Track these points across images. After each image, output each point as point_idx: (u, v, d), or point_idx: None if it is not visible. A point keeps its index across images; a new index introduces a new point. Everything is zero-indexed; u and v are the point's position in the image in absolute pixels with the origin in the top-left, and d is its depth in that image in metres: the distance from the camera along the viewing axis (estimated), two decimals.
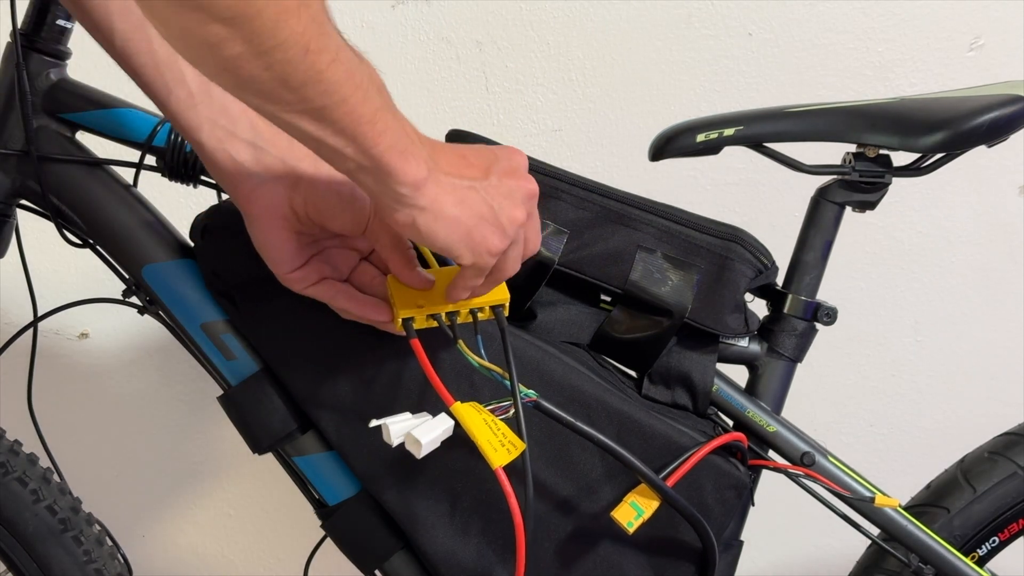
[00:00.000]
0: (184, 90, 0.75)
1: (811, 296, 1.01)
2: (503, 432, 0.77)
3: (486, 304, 0.83)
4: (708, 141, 0.97)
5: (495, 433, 0.77)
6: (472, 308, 0.83)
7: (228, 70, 0.58)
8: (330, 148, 0.64)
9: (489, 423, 0.77)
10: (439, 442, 0.79)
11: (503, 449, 0.76)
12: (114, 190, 0.92)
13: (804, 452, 1.00)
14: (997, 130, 0.93)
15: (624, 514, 0.88)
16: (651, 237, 0.95)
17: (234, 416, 0.94)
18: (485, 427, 0.77)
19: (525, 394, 0.81)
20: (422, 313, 0.81)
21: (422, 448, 0.78)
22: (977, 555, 1.08)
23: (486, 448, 0.76)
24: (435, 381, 0.78)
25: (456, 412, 0.78)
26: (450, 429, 0.79)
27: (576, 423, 0.85)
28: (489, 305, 0.83)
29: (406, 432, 0.78)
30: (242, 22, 0.55)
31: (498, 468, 0.75)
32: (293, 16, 0.57)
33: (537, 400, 0.82)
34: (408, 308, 0.81)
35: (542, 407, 0.83)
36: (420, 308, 0.81)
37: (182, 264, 0.91)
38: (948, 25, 1.44)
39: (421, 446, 0.78)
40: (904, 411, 1.63)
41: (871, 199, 1.00)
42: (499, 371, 0.80)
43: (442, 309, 0.82)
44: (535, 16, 1.40)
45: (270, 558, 1.65)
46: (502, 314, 0.83)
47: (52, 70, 0.91)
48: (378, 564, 0.96)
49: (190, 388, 1.53)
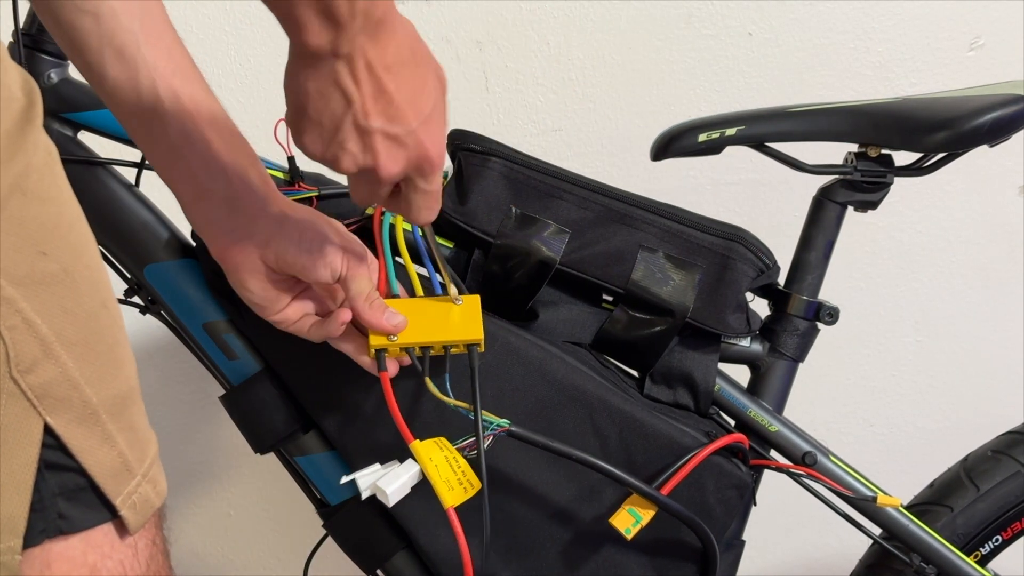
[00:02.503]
0: (166, 144, 0.75)
1: (813, 296, 1.01)
2: (463, 470, 0.78)
3: (460, 342, 0.84)
4: (710, 141, 0.97)
5: (455, 471, 0.78)
6: (445, 344, 0.84)
7: None
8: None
9: (451, 460, 0.79)
10: (408, 488, 0.82)
11: (459, 488, 0.77)
12: (116, 190, 0.91)
13: (806, 452, 1.00)
14: (999, 130, 0.93)
15: (622, 521, 0.88)
16: (653, 237, 0.95)
17: (236, 416, 0.94)
18: (445, 464, 0.78)
19: (497, 424, 0.82)
20: (395, 345, 0.82)
21: (389, 497, 0.81)
22: (980, 554, 1.08)
23: (441, 488, 0.77)
24: (398, 419, 0.80)
25: (414, 450, 0.79)
26: (417, 474, 0.81)
27: (552, 444, 0.85)
28: (463, 343, 0.84)
29: (372, 483, 0.82)
30: None
31: (449, 508, 0.77)
32: None
33: (509, 428, 0.82)
34: (380, 339, 0.81)
35: (515, 434, 0.83)
36: (392, 340, 0.82)
37: (184, 264, 0.91)
38: (948, 25, 1.44)
39: (388, 495, 0.81)
40: (904, 411, 1.63)
41: (873, 199, 1.00)
42: (467, 407, 0.81)
43: (415, 343, 0.83)
44: (535, 16, 1.40)
45: (270, 558, 1.65)
46: (475, 352, 0.84)
47: (54, 70, 0.91)
48: (380, 564, 0.96)
49: (190, 388, 1.53)
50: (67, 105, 0.91)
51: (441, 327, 0.84)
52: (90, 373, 0.60)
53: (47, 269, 0.57)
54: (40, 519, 0.59)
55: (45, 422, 0.57)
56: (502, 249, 0.93)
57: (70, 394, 0.59)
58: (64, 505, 0.60)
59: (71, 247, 0.60)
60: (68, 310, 0.59)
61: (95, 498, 0.61)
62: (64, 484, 0.60)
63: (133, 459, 0.64)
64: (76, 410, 0.59)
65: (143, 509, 0.65)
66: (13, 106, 0.56)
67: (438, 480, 0.77)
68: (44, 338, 0.57)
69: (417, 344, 0.83)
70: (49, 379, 0.57)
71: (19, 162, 0.56)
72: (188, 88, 0.75)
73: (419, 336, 0.83)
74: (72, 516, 0.60)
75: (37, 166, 0.58)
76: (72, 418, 0.59)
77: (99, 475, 0.61)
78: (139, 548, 0.66)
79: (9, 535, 0.57)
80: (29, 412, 0.57)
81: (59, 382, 0.58)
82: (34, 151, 0.58)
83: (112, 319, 0.64)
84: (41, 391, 0.57)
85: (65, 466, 0.59)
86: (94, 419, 0.60)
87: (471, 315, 0.85)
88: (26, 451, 0.57)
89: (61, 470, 0.59)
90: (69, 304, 0.59)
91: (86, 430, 0.60)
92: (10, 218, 0.55)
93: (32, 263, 0.56)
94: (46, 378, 0.57)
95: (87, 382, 0.60)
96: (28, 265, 0.56)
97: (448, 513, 0.77)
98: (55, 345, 0.58)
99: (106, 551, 0.63)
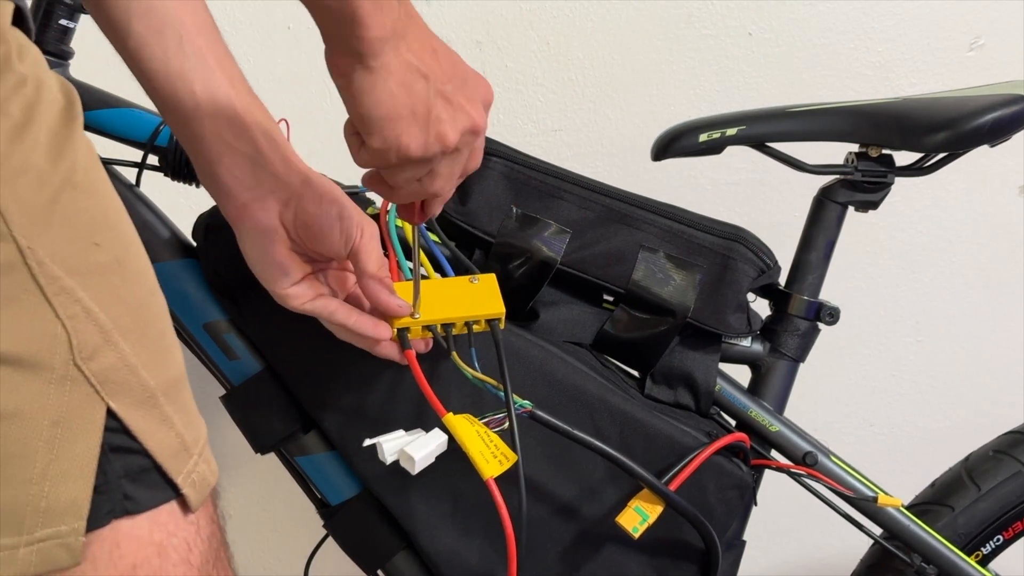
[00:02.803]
0: (192, 101, 0.75)
1: (814, 296, 1.01)
2: (495, 443, 0.77)
3: (481, 317, 0.83)
4: (711, 141, 0.97)
5: (487, 445, 0.77)
6: (467, 320, 0.83)
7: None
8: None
9: (482, 435, 0.78)
10: (433, 457, 0.80)
11: (495, 461, 0.76)
12: (116, 190, 0.91)
13: (807, 452, 1.00)
14: (1000, 130, 0.93)
15: (629, 519, 0.88)
16: (653, 237, 0.95)
17: (237, 416, 0.94)
18: (478, 439, 0.77)
19: (520, 404, 0.81)
20: (417, 324, 0.81)
21: (415, 464, 0.79)
22: (981, 554, 1.08)
23: (478, 459, 0.76)
24: (428, 393, 0.79)
25: (448, 423, 0.78)
26: (444, 444, 0.80)
27: (573, 431, 0.85)
28: (485, 318, 0.83)
29: (399, 449, 0.80)
30: None
31: (489, 479, 0.75)
32: None
33: (532, 410, 0.82)
34: (403, 319, 0.81)
35: (537, 417, 0.83)
36: (416, 318, 0.81)
37: (184, 264, 0.91)
38: (948, 25, 1.44)
39: (415, 462, 0.79)
40: (905, 411, 1.63)
41: (874, 199, 1.00)
42: (493, 383, 0.80)
43: (437, 321, 0.82)
44: (535, 16, 1.40)
45: (270, 558, 1.65)
46: (497, 327, 0.83)
47: (55, 70, 0.91)
48: (380, 564, 0.96)
49: (190, 388, 1.53)
50: None
51: (463, 304, 0.83)
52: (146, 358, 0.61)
53: (101, 259, 0.59)
54: (107, 500, 0.60)
55: (108, 406, 0.59)
56: (503, 249, 0.93)
57: (129, 379, 0.60)
58: (129, 486, 0.61)
59: (120, 238, 0.61)
60: (122, 298, 0.60)
61: (159, 478, 0.63)
62: (129, 466, 0.61)
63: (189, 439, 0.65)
64: (136, 394, 0.60)
65: (202, 487, 0.66)
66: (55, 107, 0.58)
67: (475, 452, 0.76)
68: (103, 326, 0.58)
69: (439, 322, 0.82)
70: (110, 365, 0.59)
71: (67, 158, 0.57)
72: (212, 48, 0.76)
73: (441, 314, 0.82)
74: (138, 496, 0.61)
75: (82, 162, 0.59)
76: (132, 402, 0.60)
77: (161, 456, 0.62)
78: (200, 525, 0.67)
79: (73, 518, 0.58)
80: (92, 397, 0.58)
81: (119, 367, 0.59)
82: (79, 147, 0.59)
83: (161, 307, 0.65)
84: (103, 376, 0.58)
85: (129, 448, 0.60)
86: (152, 402, 0.61)
87: (490, 291, 0.85)
88: (89, 436, 0.58)
89: (125, 452, 0.60)
90: (123, 293, 0.60)
91: (146, 413, 0.61)
92: (64, 212, 0.57)
93: (87, 254, 0.58)
94: (107, 364, 0.58)
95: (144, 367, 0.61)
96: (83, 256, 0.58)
97: (488, 484, 0.75)
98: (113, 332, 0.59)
99: (171, 529, 0.64)
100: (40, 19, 0.89)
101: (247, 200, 0.78)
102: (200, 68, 0.74)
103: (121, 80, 0.84)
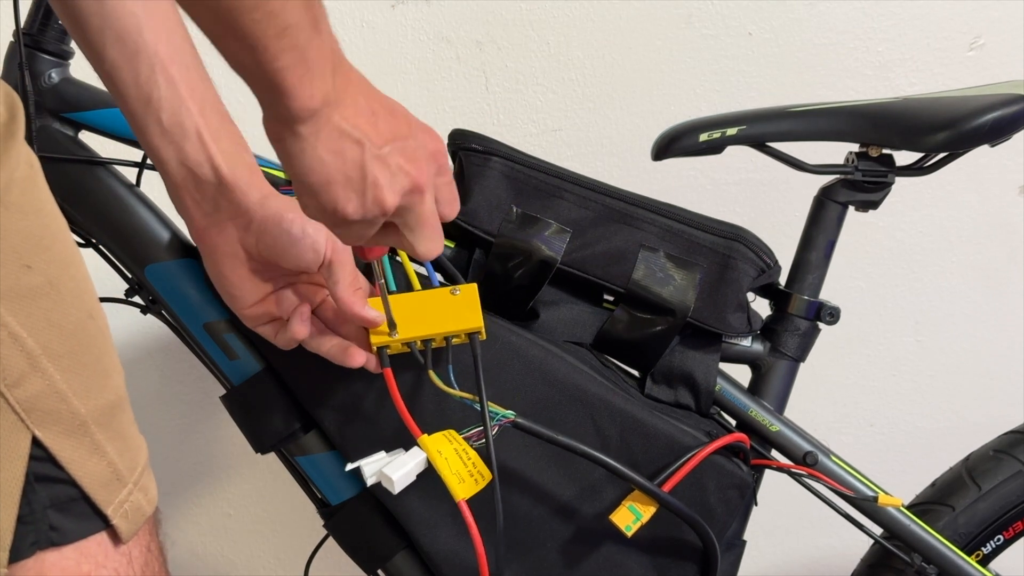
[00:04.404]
0: (158, 128, 0.76)
1: (814, 295, 1.01)
2: (473, 461, 0.78)
3: (460, 331, 0.83)
4: (711, 141, 0.97)
5: (464, 463, 0.78)
6: (446, 335, 0.83)
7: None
8: (227, 49, 0.59)
9: (460, 452, 0.78)
10: (414, 475, 0.81)
11: (470, 480, 0.77)
12: (117, 189, 0.91)
13: (807, 451, 1.00)
14: (1000, 130, 0.93)
15: (622, 518, 0.88)
16: (654, 236, 0.95)
17: (237, 415, 0.94)
18: (455, 457, 0.78)
19: (503, 415, 0.81)
20: (396, 341, 0.82)
21: (395, 484, 0.80)
22: (981, 553, 1.08)
23: (451, 480, 0.76)
24: (405, 415, 0.80)
25: (423, 444, 0.79)
26: (423, 462, 0.80)
27: (557, 437, 0.85)
28: (464, 332, 0.84)
29: (378, 471, 0.81)
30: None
31: (460, 501, 0.76)
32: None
33: (515, 419, 0.82)
34: (381, 336, 0.81)
35: (520, 425, 0.83)
36: (393, 336, 0.82)
37: (185, 264, 0.91)
38: (948, 25, 1.44)
39: (394, 482, 0.80)
40: (905, 411, 1.63)
41: (874, 198, 1.00)
42: (471, 398, 0.81)
43: (416, 337, 0.82)
44: (535, 16, 1.40)
45: (270, 558, 1.65)
46: (476, 340, 0.84)
47: (55, 70, 0.91)
48: (381, 564, 0.96)
49: (190, 388, 1.53)
50: (68, 105, 0.91)
51: (441, 318, 0.84)
52: (78, 384, 0.60)
53: (32, 282, 0.58)
54: (31, 531, 0.59)
55: (33, 435, 0.58)
56: (503, 248, 0.92)
57: (58, 406, 0.59)
58: (55, 516, 0.60)
59: (56, 259, 0.60)
60: (54, 322, 0.59)
61: (87, 508, 0.62)
62: (55, 496, 0.60)
63: (124, 468, 0.64)
64: (65, 422, 0.59)
65: (135, 517, 0.65)
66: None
67: (448, 473, 0.77)
68: (30, 352, 0.57)
69: (419, 338, 0.83)
70: (36, 392, 0.58)
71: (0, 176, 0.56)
72: (185, 75, 0.75)
73: (420, 330, 0.83)
74: (64, 527, 0.61)
75: (19, 180, 0.58)
76: (61, 430, 0.59)
77: (90, 485, 0.61)
78: (133, 556, 0.66)
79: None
80: (17, 426, 0.57)
81: (46, 395, 0.58)
82: (16, 165, 0.58)
83: (99, 329, 0.64)
84: (28, 405, 0.58)
85: (55, 478, 0.60)
86: (83, 430, 0.61)
87: (470, 304, 0.85)
88: (13, 465, 0.57)
89: (51, 482, 0.59)
90: (55, 316, 0.59)
91: (75, 441, 0.60)
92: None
93: (17, 276, 0.57)
94: (33, 391, 0.58)
95: (75, 393, 0.60)
96: (12, 279, 0.57)
97: (460, 506, 0.76)
98: (41, 358, 0.58)
99: (100, 560, 0.63)
100: (40, 19, 0.89)
101: (205, 225, 0.78)
102: (169, 98, 0.74)
103: None
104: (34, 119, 0.89)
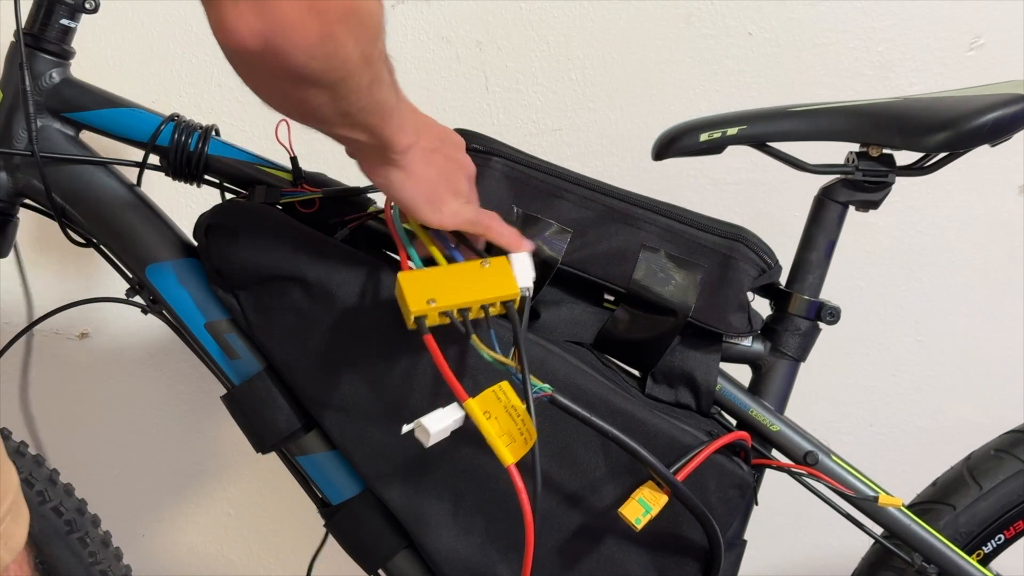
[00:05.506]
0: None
1: (814, 295, 1.01)
2: (523, 418, 0.77)
3: (497, 299, 0.83)
4: (711, 140, 0.97)
5: (515, 419, 0.76)
6: (484, 303, 0.82)
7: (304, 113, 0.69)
8: (353, 140, 0.76)
9: (509, 409, 0.77)
10: (448, 432, 0.79)
11: (520, 439, 0.76)
12: (118, 190, 0.91)
13: (807, 451, 1.00)
14: (1000, 129, 0.93)
15: (632, 511, 0.87)
16: (654, 236, 0.95)
17: (238, 415, 0.94)
18: (505, 416, 0.77)
19: (540, 388, 0.81)
20: (434, 311, 0.81)
21: (430, 437, 0.78)
22: (982, 553, 1.08)
23: (498, 444, 0.75)
24: (449, 377, 0.78)
25: (469, 409, 0.77)
26: (460, 420, 0.79)
27: (591, 418, 0.84)
28: (500, 300, 0.83)
29: (416, 422, 0.79)
30: (338, 85, 0.66)
31: (511, 466, 0.75)
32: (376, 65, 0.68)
33: (552, 394, 0.81)
34: (420, 306, 0.81)
35: (557, 402, 0.82)
36: (432, 306, 0.81)
37: (186, 263, 0.91)
38: (948, 25, 1.44)
39: (429, 435, 0.78)
40: (905, 411, 1.63)
41: (874, 198, 1.00)
42: (512, 364, 0.80)
43: (453, 306, 0.82)
44: (535, 16, 1.40)
45: (270, 558, 1.65)
46: (513, 308, 0.83)
47: (56, 70, 0.91)
48: (382, 563, 0.96)
49: (191, 388, 1.53)
50: (68, 105, 0.91)
51: (477, 288, 0.83)
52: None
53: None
54: None
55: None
56: None
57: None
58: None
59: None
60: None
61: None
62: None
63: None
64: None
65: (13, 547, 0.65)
66: None
67: (495, 436, 0.75)
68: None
69: (456, 307, 0.81)
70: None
71: None
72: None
73: (457, 299, 0.82)
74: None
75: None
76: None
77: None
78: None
79: None
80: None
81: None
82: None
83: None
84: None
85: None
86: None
87: (503, 273, 0.84)
88: None
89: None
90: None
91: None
92: None
93: None
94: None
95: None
96: None
97: (510, 471, 0.75)
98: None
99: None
100: (41, 19, 0.89)
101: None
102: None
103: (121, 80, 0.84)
104: (35, 119, 0.89)
